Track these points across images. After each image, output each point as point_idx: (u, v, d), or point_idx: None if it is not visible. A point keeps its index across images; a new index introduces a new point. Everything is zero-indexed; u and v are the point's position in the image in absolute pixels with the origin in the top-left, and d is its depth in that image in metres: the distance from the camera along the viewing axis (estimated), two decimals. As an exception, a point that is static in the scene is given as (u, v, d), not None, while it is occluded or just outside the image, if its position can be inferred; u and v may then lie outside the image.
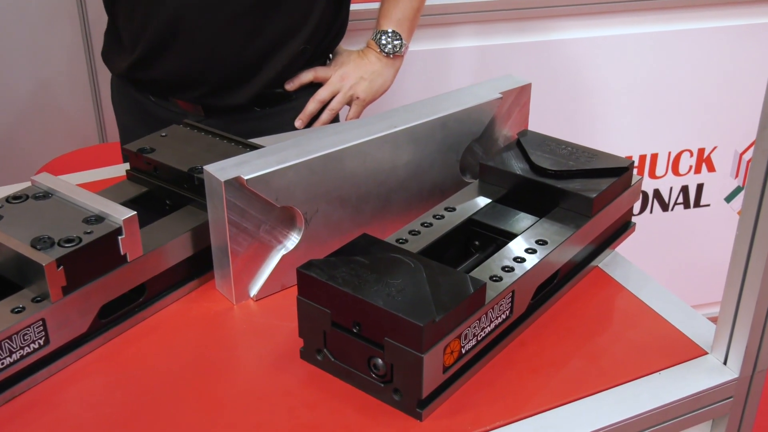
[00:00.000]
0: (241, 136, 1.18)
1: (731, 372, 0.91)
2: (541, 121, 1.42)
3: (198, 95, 1.50)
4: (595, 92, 2.17)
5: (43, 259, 0.87)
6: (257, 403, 0.86)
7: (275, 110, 1.55)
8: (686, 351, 0.93)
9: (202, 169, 1.01)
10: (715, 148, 2.32)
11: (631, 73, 2.16)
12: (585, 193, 1.01)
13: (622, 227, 1.12)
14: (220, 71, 1.47)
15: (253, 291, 1.03)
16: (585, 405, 0.86)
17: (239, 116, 1.53)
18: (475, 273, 0.91)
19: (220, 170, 0.96)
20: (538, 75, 2.07)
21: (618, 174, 1.05)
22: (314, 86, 1.58)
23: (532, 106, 1.23)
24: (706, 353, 0.93)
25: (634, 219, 1.15)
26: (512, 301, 0.91)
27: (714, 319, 0.93)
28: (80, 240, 0.90)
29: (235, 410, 0.85)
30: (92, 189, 1.02)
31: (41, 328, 0.88)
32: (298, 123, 1.57)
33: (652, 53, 2.15)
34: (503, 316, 0.90)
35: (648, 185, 2.32)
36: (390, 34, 1.58)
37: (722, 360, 0.92)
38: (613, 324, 0.99)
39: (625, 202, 1.09)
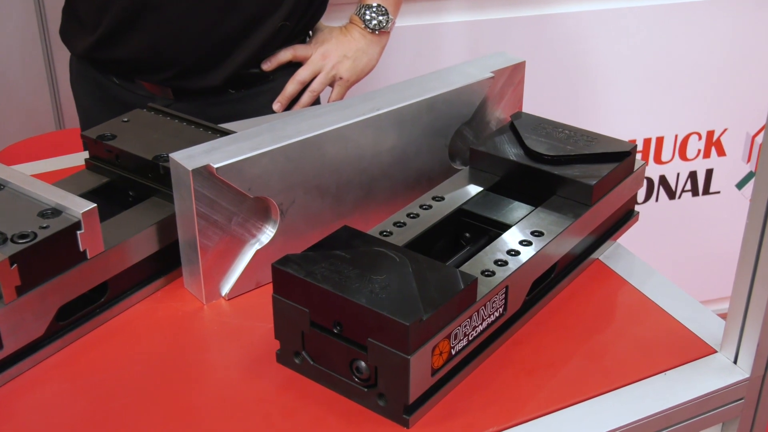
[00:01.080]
0: (214, 122, 1.18)
1: (742, 372, 0.91)
2: (536, 103, 1.43)
3: (167, 77, 1.50)
4: (595, 70, 2.18)
5: (-5, 256, 0.87)
6: (230, 411, 0.86)
7: (251, 92, 1.55)
8: (694, 349, 0.94)
9: (167, 156, 1.01)
10: (725, 130, 2.33)
11: (635, 49, 2.17)
12: (584, 179, 1.02)
13: (625, 216, 1.13)
14: (190, 50, 1.47)
15: (225, 289, 1.03)
16: (585, 408, 0.87)
17: (212, 99, 1.53)
18: (466, 267, 0.91)
19: (188, 158, 0.96)
20: (534, 52, 2.07)
21: (620, 159, 1.06)
22: (293, 66, 1.58)
23: (527, 86, 1.24)
24: (715, 352, 0.94)
25: (637, 208, 1.15)
26: (506, 298, 0.91)
27: (724, 316, 0.93)
28: (35, 235, 0.89)
29: (206, 419, 0.85)
30: (48, 180, 1.02)
31: (-6, 331, 0.88)
32: (276, 106, 1.57)
33: (656, 27, 2.16)
34: (496, 314, 0.91)
35: (653, 171, 2.33)
36: (375, 9, 1.58)
37: (732, 359, 0.92)
38: (615, 321, 0.99)
39: (628, 190, 1.09)
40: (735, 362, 0.92)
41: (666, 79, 2.23)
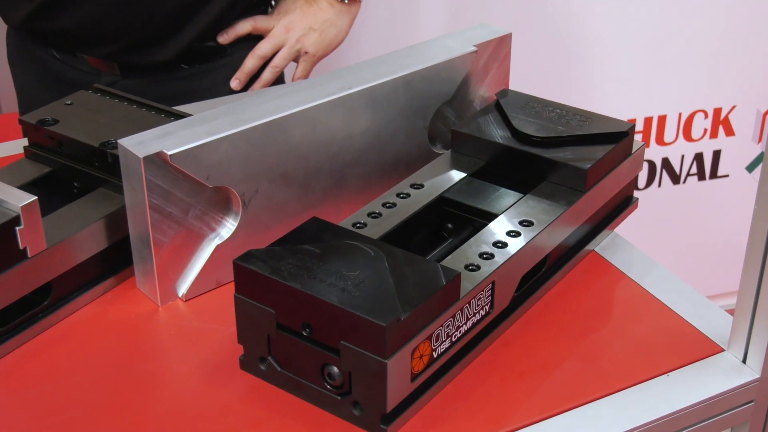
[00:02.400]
0: (164, 101, 1.18)
1: (752, 372, 0.92)
2: (524, 79, 1.43)
3: (113, 50, 1.49)
4: (589, 42, 2.19)
5: (-76, 256, 0.86)
6: (190, 423, 0.86)
7: (206, 68, 1.55)
8: (699, 348, 0.95)
9: (116, 143, 1.01)
10: (733, 107, 2.35)
11: (633, 18, 2.18)
12: (577, 163, 1.03)
13: (623, 203, 1.13)
14: (140, 21, 1.46)
15: (182, 289, 1.03)
16: (581, 414, 0.87)
17: (163, 76, 1.52)
18: (448, 261, 0.91)
19: (139, 144, 0.96)
20: (521, 23, 2.08)
21: (617, 140, 1.06)
22: (253, 39, 1.57)
23: (514, 61, 1.24)
24: (723, 350, 0.95)
25: (637, 194, 1.16)
26: (493, 294, 0.92)
27: (732, 312, 0.94)
28: (-31, 232, 0.89)
29: (162, 433, 0.86)
30: (-17, 170, 1.02)
31: (-76, 339, 0.87)
32: (234, 83, 1.56)
33: (657, -5, 2.17)
34: (482, 312, 0.91)
35: (655, 153, 2.35)
36: None
37: (741, 358, 0.93)
38: (613, 318, 1.00)
39: (626, 174, 1.10)
40: (744, 362, 0.93)
41: (668, 50, 2.23)
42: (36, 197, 0.93)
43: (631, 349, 0.95)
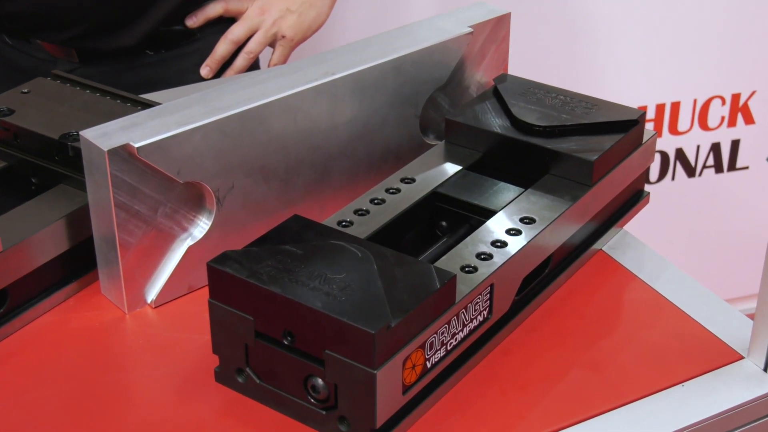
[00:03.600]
0: (128, 91, 1.18)
1: (774, 381, 0.93)
2: (524, 63, 1.44)
3: (71, 35, 1.49)
4: (595, 21, 2.19)
5: None
6: (160, 441, 0.87)
7: (173, 54, 1.55)
8: (716, 355, 0.95)
9: (78, 135, 1.01)
10: (753, 93, 2.35)
11: (643, -4, 2.18)
12: (583, 154, 1.03)
13: (633, 198, 1.14)
14: (100, 2, 1.46)
15: (151, 295, 1.03)
16: (588, 429, 0.88)
17: (125, 63, 1.52)
18: (443, 263, 0.92)
19: (103, 136, 0.96)
20: (520, 1, 2.08)
21: (626, 129, 1.07)
22: (225, 22, 1.57)
23: (514, 43, 1.24)
24: (742, 358, 0.95)
25: (649, 187, 1.16)
26: (491, 298, 0.92)
27: (753, 316, 0.95)
28: None
29: (131, 452, 0.86)
30: (-69, 165, 1.01)
31: None
32: (204, 71, 1.56)
33: (669, -30, 2.17)
34: (480, 318, 0.92)
35: (668, 143, 2.35)
36: None
37: (762, 366, 0.94)
38: (623, 324, 1.01)
39: (636, 166, 1.10)
40: (765, 370, 0.93)
41: (682, 30, 2.24)
42: (-10, 195, 0.93)
43: (642, 358, 0.95)
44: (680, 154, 2.38)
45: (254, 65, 1.61)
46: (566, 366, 0.94)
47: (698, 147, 2.38)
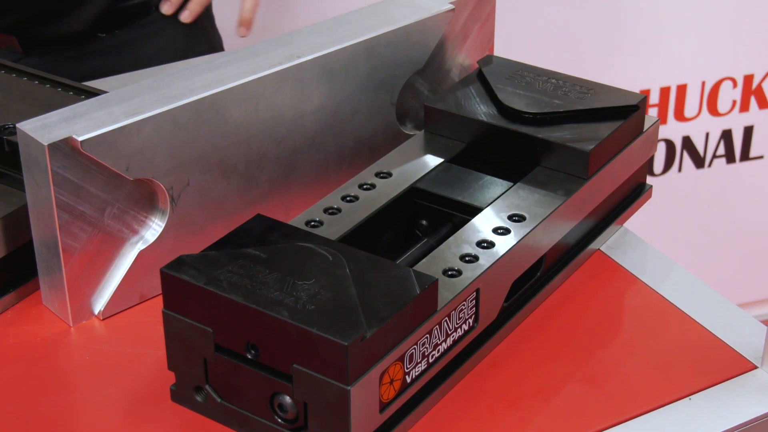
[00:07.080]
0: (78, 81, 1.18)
1: (790, 393, 0.94)
2: (512, 43, 1.44)
3: (12, 21, 1.49)
4: (592, -2, 2.20)
5: None
6: (110, 468, 0.87)
7: (129, 37, 1.54)
8: (727, 365, 0.96)
9: (14, 127, 1.01)
10: (767, 74, 2.36)
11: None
12: (577, 144, 1.03)
13: (634, 192, 1.14)
14: None
15: (98, 306, 1.03)
16: (586, 449, 0.89)
17: (75, 51, 1.52)
18: (423, 266, 0.92)
19: (42, 129, 0.96)
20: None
21: (625, 115, 1.07)
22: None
23: (500, 21, 1.25)
24: (756, 368, 0.96)
25: (652, 180, 1.17)
26: (477, 305, 0.92)
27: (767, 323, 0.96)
28: None
29: (77, 481, 0.86)
30: None
31: None
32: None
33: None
34: (465, 327, 0.92)
35: (674, 131, 2.36)
36: None
37: (777, 376, 0.95)
38: (624, 331, 1.01)
39: (638, 156, 1.11)
40: (781, 381, 0.95)
41: (690, 7, 2.24)
42: None
43: (645, 369, 0.96)
44: (687, 143, 2.38)
45: (218, 44, 1.62)
46: (561, 379, 0.95)
47: (707, 135, 2.39)
